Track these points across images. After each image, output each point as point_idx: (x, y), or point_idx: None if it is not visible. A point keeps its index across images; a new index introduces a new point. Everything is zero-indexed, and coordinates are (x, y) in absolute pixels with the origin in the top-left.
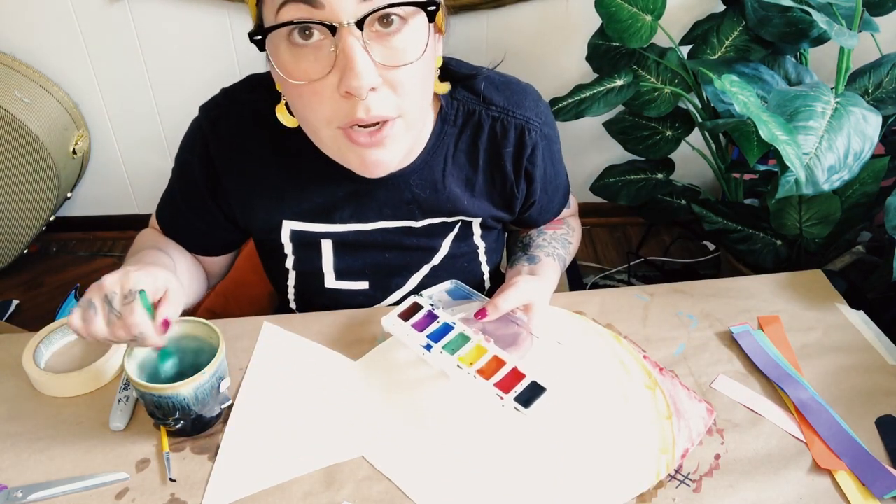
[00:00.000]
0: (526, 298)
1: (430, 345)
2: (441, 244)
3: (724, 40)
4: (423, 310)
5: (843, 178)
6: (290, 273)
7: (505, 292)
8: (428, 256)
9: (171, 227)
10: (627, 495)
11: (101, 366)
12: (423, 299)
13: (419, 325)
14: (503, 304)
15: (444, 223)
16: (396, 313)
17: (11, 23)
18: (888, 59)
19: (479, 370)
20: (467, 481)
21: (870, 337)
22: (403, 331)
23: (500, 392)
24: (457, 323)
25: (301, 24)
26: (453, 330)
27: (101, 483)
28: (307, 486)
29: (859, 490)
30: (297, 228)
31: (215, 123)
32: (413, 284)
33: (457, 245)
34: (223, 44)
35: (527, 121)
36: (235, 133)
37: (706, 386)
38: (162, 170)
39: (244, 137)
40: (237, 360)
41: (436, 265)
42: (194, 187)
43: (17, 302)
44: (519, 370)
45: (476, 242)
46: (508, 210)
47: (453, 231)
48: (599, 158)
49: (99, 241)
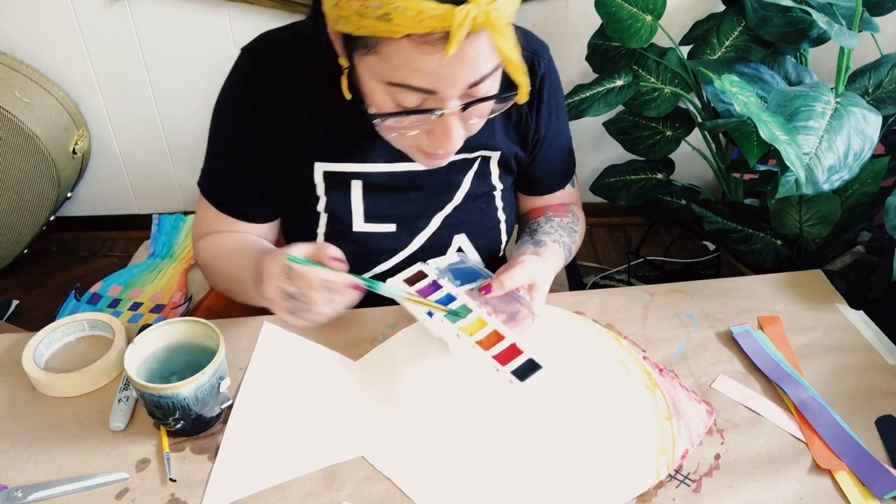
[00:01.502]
0: (530, 277)
1: (432, 312)
2: (461, 180)
3: (724, 40)
4: (427, 278)
5: (843, 178)
6: (321, 218)
7: (510, 270)
8: (450, 195)
9: (224, 195)
10: (627, 495)
11: (101, 366)
12: (429, 268)
13: (423, 292)
14: (508, 282)
15: (465, 159)
16: (402, 278)
17: (11, 23)
18: (888, 59)
19: (479, 341)
20: (467, 481)
21: (870, 337)
22: (404, 295)
23: (497, 364)
24: (460, 294)
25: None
26: (456, 300)
27: (101, 483)
28: (307, 486)
29: (859, 490)
30: (329, 169)
31: (261, 61)
32: (436, 225)
33: (476, 183)
34: (223, 44)
35: (535, 53)
36: (279, 73)
37: (706, 386)
38: (162, 170)
39: (287, 77)
40: (237, 360)
41: (457, 204)
42: (242, 131)
43: (17, 302)
44: (517, 346)
45: (494, 182)
46: (523, 146)
47: (473, 167)
48: (599, 158)
49: (99, 241)
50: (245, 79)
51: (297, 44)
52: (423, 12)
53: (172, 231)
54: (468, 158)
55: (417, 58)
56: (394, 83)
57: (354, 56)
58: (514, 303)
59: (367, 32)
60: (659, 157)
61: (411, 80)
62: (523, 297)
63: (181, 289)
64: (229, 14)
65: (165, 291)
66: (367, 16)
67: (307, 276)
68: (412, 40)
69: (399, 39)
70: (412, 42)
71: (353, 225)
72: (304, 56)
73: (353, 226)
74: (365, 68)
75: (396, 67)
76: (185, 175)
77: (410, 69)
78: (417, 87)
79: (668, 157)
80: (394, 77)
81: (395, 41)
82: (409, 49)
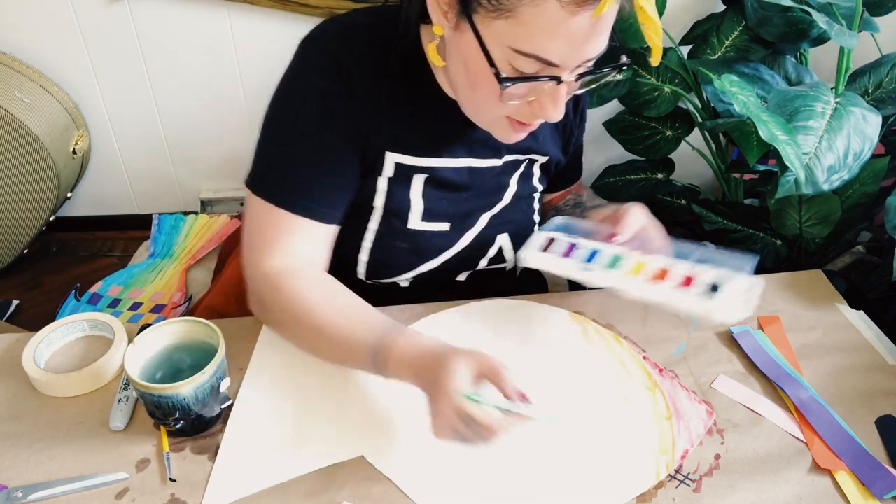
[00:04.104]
0: (643, 220)
1: (585, 267)
2: (510, 182)
3: (724, 40)
4: (558, 242)
5: (842, 178)
6: (374, 213)
7: (625, 217)
8: (500, 195)
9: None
10: (627, 495)
11: (101, 366)
12: (557, 233)
13: (566, 253)
14: (631, 227)
15: (516, 161)
16: (536, 248)
17: (11, 23)
18: (888, 59)
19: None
20: (467, 481)
21: (870, 337)
22: (552, 260)
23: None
24: (602, 246)
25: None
26: (601, 252)
27: (101, 483)
28: (307, 486)
29: (859, 490)
30: (399, 161)
31: (343, 40)
32: (482, 225)
33: (521, 184)
34: (223, 44)
35: None
36: (361, 54)
37: (706, 386)
38: (162, 170)
39: (368, 59)
40: (237, 360)
41: (505, 205)
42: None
43: (17, 302)
44: (690, 276)
45: (535, 184)
46: (565, 150)
47: (519, 169)
48: (599, 158)
49: (99, 241)
50: (330, 60)
51: (369, 25)
52: None
53: (172, 231)
54: (518, 160)
55: (559, 22)
56: (522, 51)
57: (475, 18)
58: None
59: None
60: (659, 157)
61: (545, 48)
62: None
63: (181, 289)
64: (229, 14)
65: (165, 291)
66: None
67: (488, 426)
68: (560, 1)
69: (545, 1)
70: (560, 3)
71: (409, 221)
72: (379, 39)
73: (408, 222)
74: (489, 32)
75: (533, 34)
76: (185, 175)
77: (549, 34)
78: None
79: (668, 157)
80: (527, 44)
81: (538, 5)
82: (552, 12)
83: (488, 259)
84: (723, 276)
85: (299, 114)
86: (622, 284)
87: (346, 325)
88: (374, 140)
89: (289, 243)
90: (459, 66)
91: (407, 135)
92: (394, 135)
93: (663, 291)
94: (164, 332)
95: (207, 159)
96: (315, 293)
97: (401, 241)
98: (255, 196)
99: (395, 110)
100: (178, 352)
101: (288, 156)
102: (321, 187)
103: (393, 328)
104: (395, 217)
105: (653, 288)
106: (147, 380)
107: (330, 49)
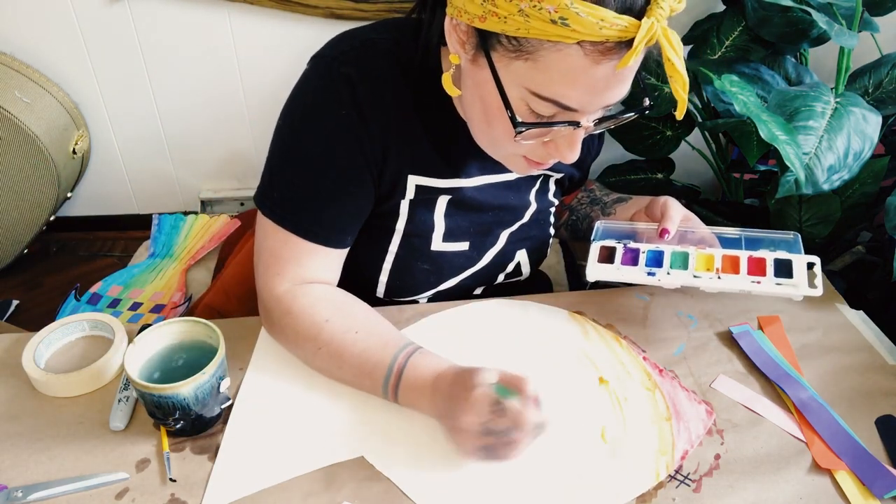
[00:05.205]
0: (683, 211)
1: (654, 271)
2: (528, 199)
3: (724, 40)
4: (615, 250)
5: (843, 178)
6: (395, 236)
7: (667, 212)
8: (521, 212)
9: (312, 220)
10: (627, 496)
11: (101, 366)
12: (609, 241)
13: (625, 260)
14: (676, 221)
15: (531, 177)
16: (596, 259)
17: (11, 23)
18: (888, 59)
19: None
20: (467, 481)
21: (870, 337)
22: (617, 270)
23: (755, 279)
24: (662, 247)
25: (552, 125)
26: (665, 253)
27: (101, 483)
28: (307, 486)
29: (859, 490)
30: (421, 183)
31: (360, 63)
32: (502, 243)
33: (539, 200)
34: (223, 44)
35: None
36: (379, 76)
37: (706, 386)
38: (162, 170)
39: (386, 81)
40: (237, 360)
41: (524, 222)
42: (342, 141)
43: (17, 302)
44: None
45: (551, 199)
46: (581, 167)
47: (535, 185)
48: (599, 158)
49: (99, 241)
50: (344, 84)
51: (388, 43)
52: (605, 20)
53: (172, 231)
54: (533, 177)
55: (582, 70)
56: (541, 95)
57: (493, 57)
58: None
59: (533, 35)
60: (659, 157)
61: (564, 95)
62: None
63: (181, 289)
64: (229, 14)
65: (165, 291)
66: (537, 17)
67: (519, 417)
68: (584, 48)
69: (568, 47)
70: (583, 50)
71: (431, 243)
72: (399, 59)
73: (431, 244)
74: (507, 72)
75: (553, 79)
76: (185, 175)
77: (569, 82)
78: (566, 104)
79: (668, 157)
80: (546, 89)
81: (560, 50)
82: (576, 58)
83: (505, 274)
84: (786, 256)
85: (310, 141)
86: (697, 283)
87: (355, 353)
88: (393, 163)
89: (300, 266)
90: (475, 98)
91: (428, 157)
92: (414, 157)
93: (741, 281)
94: (164, 332)
95: (207, 159)
96: (324, 313)
97: (422, 263)
98: (265, 218)
99: (415, 133)
100: (178, 352)
101: (298, 180)
102: (331, 214)
103: (402, 354)
104: (416, 238)
105: (730, 280)
106: (147, 380)
107: (343, 72)
